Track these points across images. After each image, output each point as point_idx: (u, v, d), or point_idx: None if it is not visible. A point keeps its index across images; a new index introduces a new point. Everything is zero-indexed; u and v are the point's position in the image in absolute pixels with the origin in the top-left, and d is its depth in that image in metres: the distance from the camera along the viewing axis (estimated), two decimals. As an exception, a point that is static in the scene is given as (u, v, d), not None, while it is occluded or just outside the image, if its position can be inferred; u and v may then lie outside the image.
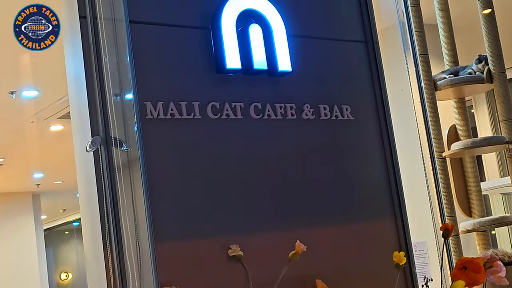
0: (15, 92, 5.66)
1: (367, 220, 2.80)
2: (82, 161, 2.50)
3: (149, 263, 2.21)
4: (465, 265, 2.45)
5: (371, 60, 2.98)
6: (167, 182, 2.36)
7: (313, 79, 2.81)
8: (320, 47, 2.87)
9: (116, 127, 2.35)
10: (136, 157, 2.29)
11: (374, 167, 2.89)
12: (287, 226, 2.58)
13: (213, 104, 2.52)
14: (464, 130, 3.77)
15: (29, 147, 7.85)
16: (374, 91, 2.95)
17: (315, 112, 2.76)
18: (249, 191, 2.53)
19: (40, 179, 10.14)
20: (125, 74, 2.33)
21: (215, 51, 2.55)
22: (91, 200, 2.41)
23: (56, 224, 15.31)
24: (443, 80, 3.63)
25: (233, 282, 2.41)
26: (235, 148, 2.55)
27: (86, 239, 2.53)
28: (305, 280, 2.51)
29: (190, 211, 2.39)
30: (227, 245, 2.40)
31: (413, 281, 2.83)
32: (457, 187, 3.72)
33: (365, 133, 2.90)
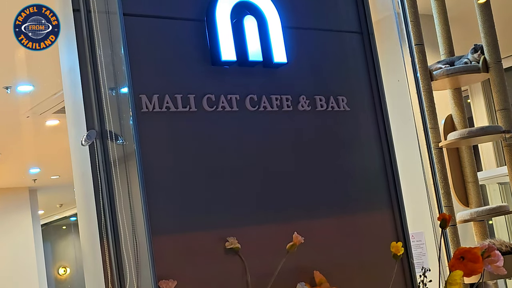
0: (10, 87, 5.64)
1: (364, 211, 2.80)
2: (78, 155, 2.50)
3: (146, 256, 2.20)
4: (463, 255, 2.45)
5: (367, 51, 2.97)
6: (164, 175, 2.36)
7: (309, 71, 2.80)
8: (316, 38, 2.87)
9: (111, 121, 2.34)
10: (132, 150, 2.28)
11: (371, 158, 2.89)
12: (284, 218, 2.58)
13: (208, 97, 2.51)
14: (461, 120, 3.76)
15: (25, 142, 7.83)
16: (370, 82, 2.95)
17: (311, 104, 2.75)
18: (245, 183, 2.53)
19: (36, 174, 10.12)
20: (120, 67, 2.32)
21: (210, 43, 2.54)
22: (87, 194, 2.41)
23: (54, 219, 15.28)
24: (439, 70, 3.62)
25: (230, 275, 2.41)
26: (231, 140, 2.55)
27: (83, 233, 2.52)
28: (302, 271, 2.51)
29: (186, 204, 2.39)
30: (224, 238, 2.40)
31: (410, 271, 2.83)
32: (454, 177, 3.72)
33: (361, 124, 2.90)
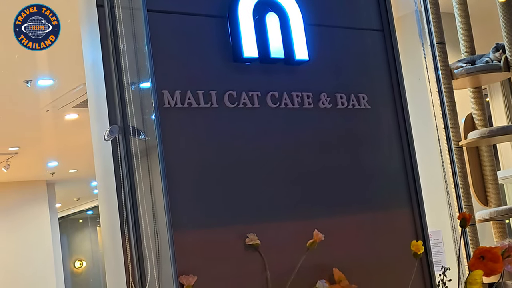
0: (30, 81, 5.67)
1: (384, 209, 2.79)
2: (100, 149, 2.51)
3: (167, 251, 2.21)
4: (483, 254, 2.45)
5: (388, 49, 2.96)
6: (185, 170, 2.37)
7: (330, 68, 2.80)
8: (337, 35, 2.87)
9: (134, 116, 2.35)
10: (153, 145, 2.29)
11: (391, 156, 2.88)
12: (304, 215, 2.58)
13: (230, 93, 2.52)
14: (481, 119, 3.75)
15: (44, 136, 7.88)
16: (391, 80, 2.94)
17: (332, 101, 2.75)
18: (266, 180, 2.53)
19: (54, 168, 10.17)
20: (143, 62, 2.34)
21: (232, 40, 2.55)
22: (109, 189, 2.42)
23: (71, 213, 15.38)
24: (460, 69, 3.61)
25: (250, 271, 2.42)
26: (252, 136, 2.55)
27: (104, 227, 2.54)
28: (322, 269, 2.51)
29: (207, 200, 2.39)
30: (245, 234, 2.41)
31: (429, 270, 2.82)
32: (474, 176, 3.71)
33: (382, 122, 2.90)
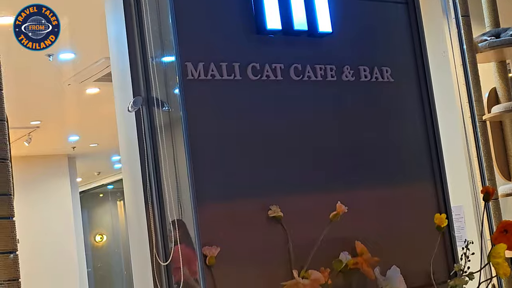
0: (52, 55, 5.68)
1: (406, 183, 2.79)
2: (124, 122, 2.52)
3: (191, 223, 2.23)
4: (506, 228, 2.44)
5: (412, 22, 2.94)
6: (208, 143, 2.37)
7: (353, 41, 2.79)
8: (361, 8, 2.84)
9: (157, 88, 2.36)
10: (177, 117, 2.30)
11: (414, 130, 2.87)
12: (327, 188, 2.58)
13: (253, 65, 2.51)
14: (505, 93, 3.71)
15: (66, 110, 7.91)
16: (415, 53, 2.92)
17: (355, 74, 2.74)
18: (289, 152, 2.53)
19: (75, 142, 10.22)
20: (167, 35, 2.33)
21: (256, 12, 2.53)
22: (133, 161, 2.44)
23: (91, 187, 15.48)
24: (484, 43, 3.56)
25: (273, 243, 2.42)
26: (275, 109, 2.55)
27: (128, 199, 2.56)
28: (344, 241, 2.52)
29: (230, 172, 2.40)
30: (267, 206, 2.41)
31: (451, 244, 2.82)
32: (497, 150, 3.68)
33: (405, 95, 2.88)
